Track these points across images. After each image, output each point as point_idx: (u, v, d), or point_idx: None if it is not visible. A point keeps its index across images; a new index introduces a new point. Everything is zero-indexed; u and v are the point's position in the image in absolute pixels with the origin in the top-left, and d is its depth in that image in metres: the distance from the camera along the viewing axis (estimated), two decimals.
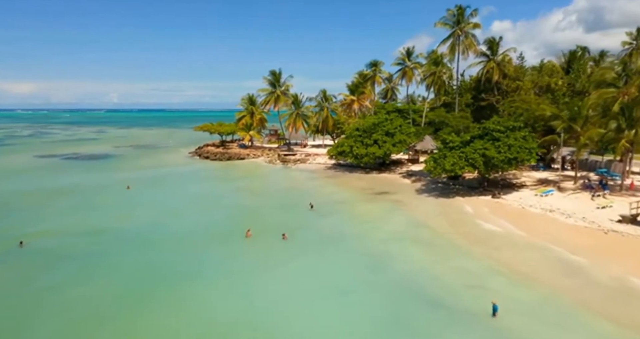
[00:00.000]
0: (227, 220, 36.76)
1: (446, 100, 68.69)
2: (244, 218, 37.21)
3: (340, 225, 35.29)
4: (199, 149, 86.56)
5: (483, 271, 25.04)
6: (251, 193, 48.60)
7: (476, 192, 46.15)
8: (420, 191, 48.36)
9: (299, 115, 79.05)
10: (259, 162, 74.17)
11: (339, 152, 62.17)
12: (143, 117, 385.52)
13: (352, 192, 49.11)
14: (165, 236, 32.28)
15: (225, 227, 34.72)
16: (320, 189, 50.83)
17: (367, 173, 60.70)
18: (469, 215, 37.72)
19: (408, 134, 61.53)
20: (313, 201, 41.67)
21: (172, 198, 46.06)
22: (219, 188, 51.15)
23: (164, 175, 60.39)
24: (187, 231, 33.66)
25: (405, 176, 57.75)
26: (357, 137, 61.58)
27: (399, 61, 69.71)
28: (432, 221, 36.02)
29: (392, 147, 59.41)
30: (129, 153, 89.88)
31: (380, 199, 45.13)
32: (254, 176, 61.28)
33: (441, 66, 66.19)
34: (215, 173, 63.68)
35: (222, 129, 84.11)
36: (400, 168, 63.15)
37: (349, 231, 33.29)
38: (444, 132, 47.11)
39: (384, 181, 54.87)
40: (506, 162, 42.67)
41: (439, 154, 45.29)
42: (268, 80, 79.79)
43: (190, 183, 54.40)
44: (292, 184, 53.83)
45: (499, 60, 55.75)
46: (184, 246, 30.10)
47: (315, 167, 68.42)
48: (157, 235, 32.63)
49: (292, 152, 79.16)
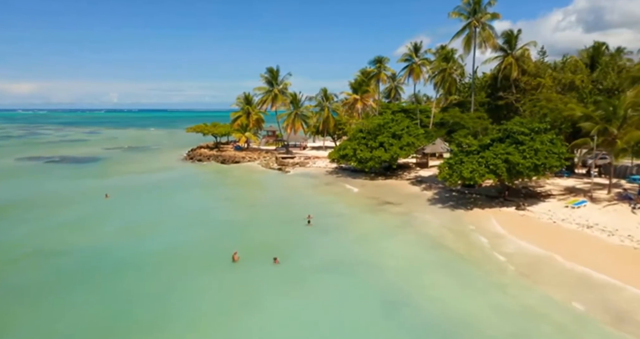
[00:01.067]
0: (212, 239, 31.53)
1: (457, 99, 63.48)
2: (232, 236, 32.01)
3: (342, 245, 30.02)
4: (192, 152, 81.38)
5: (527, 313, 19.81)
6: (243, 204, 43.37)
7: (496, 202, 40.92)
8: (433, 201, 43.09)
9: (297, 116, 73.78)
10: (255, 166, 68.95)
11: (341, 155, 56.99)
12: (142, 117, 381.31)
13: (355, 202, 43.89)
14: (138, 261, 27.13)
15: (209, 248, 29.52)
16: (319, 198, 45.62)
17: (371, 179, 55.48)
18: (494, 232, 32.43)
19: (417, 136, 56.33)
20: (311, 212, 36.56)
21: (154, 209, 40.82)
22: (207, 198, 45.93)
23: (150, 182, 55.19)
24: (165, 253, 28.47)
25: (414, 182, 52.50)
26: (361, 139, 56.42)
27: (406, 57, 64.47)
28: (451, 240, 30.77)
29: (400, 150, 54.20)
30: (118, 156, 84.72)
31: (388, 211, 39.91)
32: (248, 183, 55.97)
33: (452, 62, 60.93)
34: (206, 180, 58.43)
35: (216, 130, 78.89)
36: (408, 173, 57.90)
37: (353, 255, 28.03)
38: (459, 135, 41.85)
39: (390, 189, 49.63)
40: (532, 168, 37.45)
41: (454, 159, 40.06)
42: (265, 78, 74.56)
43: (177, 191, 49.19)
44: (288, 192, 48.58)
45: (518, 55, 50.47)
46: (159, 275, 24.95)
47: (315, 172, 63.21)
48: (128, 259, 27.47)
49: (290, 154, 73.97)
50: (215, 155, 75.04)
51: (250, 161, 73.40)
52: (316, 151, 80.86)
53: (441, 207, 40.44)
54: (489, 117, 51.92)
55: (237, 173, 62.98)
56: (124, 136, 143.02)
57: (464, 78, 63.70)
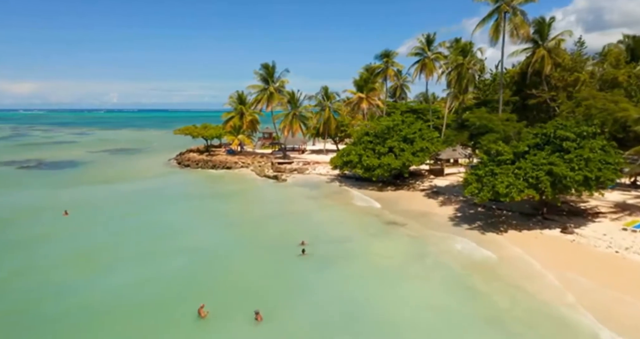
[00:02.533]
0: (179, 277, 24.39)
1: (477, 98, 56.26)
2: (205, 273, 24.91)
3: (346, 290, 22.70)
4: (180, 155, 74.21)
5: None
6: (226, 223, 36.06)
7: (534, 222, 33.73)
8: (455, 219, 35.89)
9: (295, 116, 66.51)
10: (248, 173, 61.74)
11: (345, 162, 49.83)
12: (140, 117, 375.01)
13: (360, 220, 36.69)
14: (72, 313, 20.06)
15: (171, 292, 22.40)
16: (318, 215, 38.47)
17: (379, 190, 48.29)
18: (542, 269, 25.14)
19: (431, 140, 49.11)
20: (309, 235, 29.76)
21: (116, 231, 33.61)
22: (185, 215, 38.67)
23: (124, 193, 48.06)
24: (109, 301, 21.39)
25: (430, 194, 45.29)
26: (367, 143, 49.24)
27: (417, 51, 57.18)
28: (489, 281, 23.51)
29: (412, 156, 46.98)
30: (101, 160, 77.62)
31: (401, 233, 32.73)
32: (237, 196, 48.46)
33: (470, 57, 53.67)
34: (190, 190, 51.10)
35: (206, 133, 71.67)
36: (421, 182, 50.68)
37: (361, 306, 20.79)
38: (487, 140, 34.60)
39: (402, 202, 42.43)
40: (582, 183, 30.24)
41: (484, 170, 32.79)
42: (260, 76, 67.26)
43: (152, 205, 42.01)
44: (283, 208, 41.34)
45: (551, 47, 43.21)
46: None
47: (315, 180, 56.05)
48: (59, 310, 20.43)
49: (287, 159, 66.80)
50: (205, 160, 67.86)
51: (243, 166, 66.24)
52: (316, 155, 73.68)
53: (467, 229, 33.22)
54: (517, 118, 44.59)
55: (226, 182, 55.72)
56: (115, 137, 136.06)
57: (484, 74, 56.36)
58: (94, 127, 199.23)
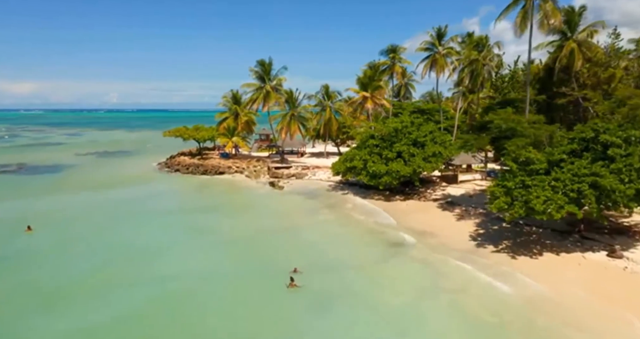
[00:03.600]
0: (138, 323, 19.38)
1: (495, 97, 51.36)
2: (172, 316, 19.92)
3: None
4: (171, 159, 69.17)
5: None
6: (210, 243, 30.79)
7: (571, 242, 28.78)
8: (477, 238, 30.90)
9: (294, 117, 61.43)
10: (242, 180, 56.73)
11: (348, 168, 44.89)
12: (139, 117, 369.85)
13: (365, 239, 31.71)
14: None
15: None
16: (317, 231, 33.52)
17: (386, 199, 43.33)
18: (598, 310, 20.16)
19: (443, 144, 44.11)
20: (303, 258, 25.09)
21: (81, 254, 28.60)
22: (164, 233, 33.46)
23: (102, 203, 43.12)
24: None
25: (444, 205, 40.30)
26: (373, 147, 44.29)
27: (427, 46, 52.11)
28: (530, 333, 18.51)
29: (424, 162, 42.02)
30: (86, 163, 72.67)
31: (413, 258, 27.74)
32: (226, 207, 42.99)
33: (486, 51, 48.68)
34: (175, 200, 46.00)
35: (198, 135, 66.63)
36: (433, 190, 45.67)
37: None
38: (514, 145, 29.60)
39: (413, 216, 37.47)
40: (634, 197, 25.31)
41: (513, 182, 27.77)
42: (255, 73, 62.14)
43: (128, 220, 36.99)
44: (277, 221, 36.34)
45: (581, 40, 38.20)
46: None
47: (315, 187, 51.07)
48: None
49: (285, 163, 61.81)
50: (196, 165, 62.84)
51: (237, 171, 61.21)
52: (316, 159, 68.67)
53: (493, 251, 28.22)
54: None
55: (217, 190, 50.63)
56: (107, 138, 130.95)
57: (502, 70, 51.31)
58: (89, 128, 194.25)
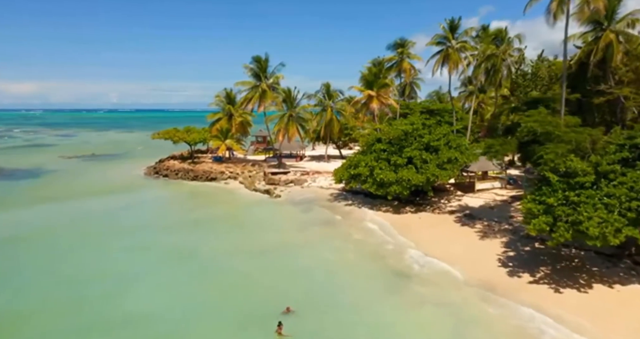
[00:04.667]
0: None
1: (504, 96, 46.47)
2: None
3: None
4: (160, 163, 64.23)
5: None
6: (189, 272, 25.47)
7: (623, 269, 23.98)
8: (507, 263, 26.01)
9: (292, 118, 56.45)
10: (235, 187, 51.80)
11: (352, 175, 40.02)
12: (137, 117, 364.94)
13: (371, 266, 26.71)
14: None
15: None
16: (314, 253, 28.71)
17: (395, 211, 38.51)
18: None
19: (459, 148, 39.19)
20: (298, 292, 20.46)
21: (34, 283, 23.70)
22: (134, 258, 27.92)
23: (73, 216, 38.30)
24: None
25: (461, 218, 35.45)
26: (381, 152, 39.41)
27: (439, 39, 47.21)
28: None
29: (439, 169, 37.13)
30: (69, 169, 67.75)
31: (431, 296, 22.74)
32: (213, 222, 36.90)
33: (505, 45, 43.79)
34: (155, 214, 40.65)
35: (188, 137, 61.69)
36: (447, 200, 40.81)
37: None
38: (553, 152, 24.66)
39: (427, 232, 32.62)
40: None
41: (555, 198, 22.85)
42: (250, 70, 57.22)
43: (99, 239, 31.90)
44: (269, 241, 31.30)
45: (620, 30, 33.30)
46: None
47: (314, 195, 46.19)
48: None
49: (283, 168, 56.92)
50: (186, 170, 57.93)
51: (231, 177, 56.32)
52: (316, 163, 63.79)
53: (530, 282, 23.37)
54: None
55: (206, 200, 45.61)
56: (98, 140, 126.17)
57: (525, 65, 46.33)
58: (84, 128, 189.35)
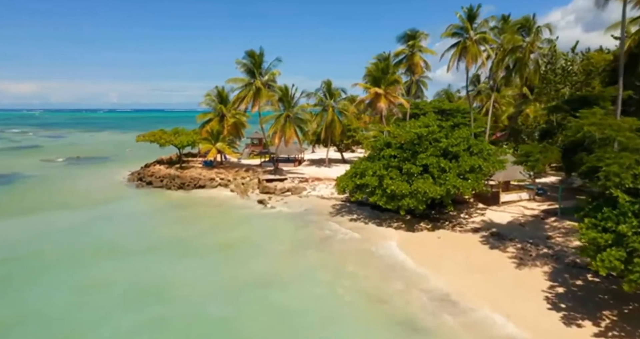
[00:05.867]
0: None
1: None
2: None
3: None
4: (145, 169, 58.63)
5: None
6: (147, 323, 20.05)
7: None
8: (557, 303, 20.49)
9: (289, 119, 50.85)
10: (225, 196, 46.19)
11: (358, 185, 34.48)
12: (135, 117, 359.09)
13: (374, 313, 21.12)
14: None
15: None
16: (304, 288, 23.13)
17: (408, 228, 33.02)
18: None
19: (481, 154, 33.57)
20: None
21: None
22: (86, 299, 21.97)
23: (33, 235, 32.74)
24: None
25: (488, 238, 29.94)
26: (391, 159, 33.88)
27: (455, 30, 41.59)
28: None
29: (460, 180, 31.54)
30: (47, 174, 62.22)
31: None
32: (193, 243, 30.92)
33: (534, 36, 38.23)
34: (124, 233, 34.10)
35: (176, 140, 56.09)
36: (468, 215, 35.27)
37: None
38: (616, 163, 19.11)
39: (449, 256, 27.08)
40: None
41: (629, 225, 17.28)
42: (244, 66, 51.66)
43: (47, 271, 26.18)
44: (255, 271, 25.64)
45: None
46: None
47: (314, 207, 40.68)
48: None
49: (279, 175, 51.38)
50: (172, 176, 52.33)
51: (221, 184, 50.79)
52: (316, 168, 58.29)
53: (595, 335, 17.77)
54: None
55: (190, 213, 39.82)
56: (90, 141, 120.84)
57: (557, 59, 40.66)
58: (78, 129, 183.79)
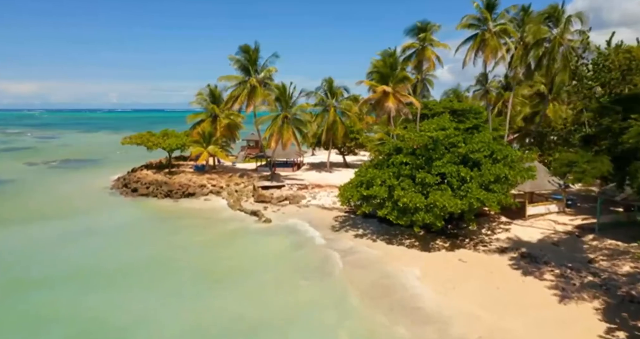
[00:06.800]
0: None
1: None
2: None
3: None
4: (131, 174, 54.13)
5: None
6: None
7: None
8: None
9: (287, 121, 46.39)
10: (215, 207, 41.70)
11: (365, 196, 30.08)
12: (133, 117, 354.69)
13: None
14: None
15: None
16: (309, 329, 18.62)
17: (423, 246, 28.64)
18: None
19: (504, 160, 29.10)
20: None
21: None
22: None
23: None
24: None
25: (518, 260, 25.55)
26: (402, 166, 29.46)
27: (472, 21, 37.25)
28: None
29: (485, 192, 27.08)
30: (28, 178, 57.93)
31: None
32: (170, 267, 26.27)
33: (563, 27, 33.84)
34: (97, 251, 29.25)
35: (164, 143, 51.64)
36: (490, 230, 30.87)
37: None
38: None
39: (476, 288, 22.62)
40: None
41: None
42: (238, 63, 47.24)
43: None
44: (239, 308, 21.19)
45: None
46: None
47: (313, 219, 36.22)
48: None
49: (276, 181, 46.98)
50: (160, 183, 47.86)
51: (213, 192, 46.42)
52: (316, 173, 53.93)
53: None
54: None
55: (173, 228, 35.11)
56: (81, 142, 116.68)
57: (590, 53, 36.24)
58: (73, 129, 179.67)
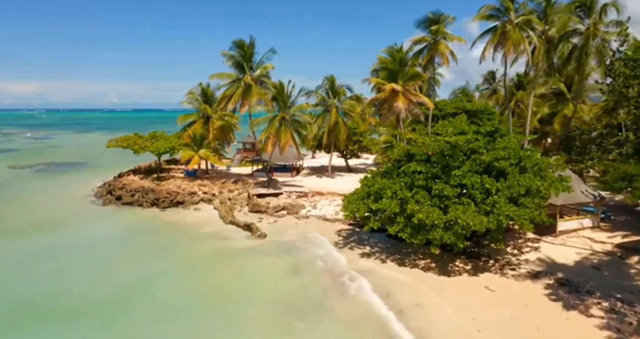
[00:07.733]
0: None
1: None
2: None
3: None
4: (117, 180, 50.06)
5: None
6: None
7: None
8: None
9: (285, 122, 42.33)
10: (205, 218, 37.65)
11: (372, 210, 26.10)
12: (132, 117, 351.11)
13: None
14: None
15: None
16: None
17: (440, 269, 24.72)
18: None
19: (533, 169, 25.11)
20: None
21: None
22: None
23: None
24: None
25: (556, 289, 21.55)
26: (415, 175, 25.46)
27: (491, 11, 33.26)
28: None
29: (514, 207, 23.07)
30: (7, 183, 54.06)
31: None
32: (142, 300, 22.08)
33: (597, 17, 29.85)
34: (61, 277, 24.66)
35: (152, 146, 47.59)
36: (517, 250, 26.90)
37: None
38: None
39: (511, 328, 18.64)
40: None
41: None
42: (231, 59, 43.22)
43: None
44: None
45: None
46: None
47: (313, 234, 32.24)
48: None
49: (273, 188, 42.96)
50: (146, 190, 43.83)
51: (204, 200, 42.48)
52: (317, 178, 49.92)
53: None
54: None
55: (153, 245, 30.82)
56: (72, 143, 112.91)
57: (627, 46, 32.23)
58: (68, 129, 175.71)
